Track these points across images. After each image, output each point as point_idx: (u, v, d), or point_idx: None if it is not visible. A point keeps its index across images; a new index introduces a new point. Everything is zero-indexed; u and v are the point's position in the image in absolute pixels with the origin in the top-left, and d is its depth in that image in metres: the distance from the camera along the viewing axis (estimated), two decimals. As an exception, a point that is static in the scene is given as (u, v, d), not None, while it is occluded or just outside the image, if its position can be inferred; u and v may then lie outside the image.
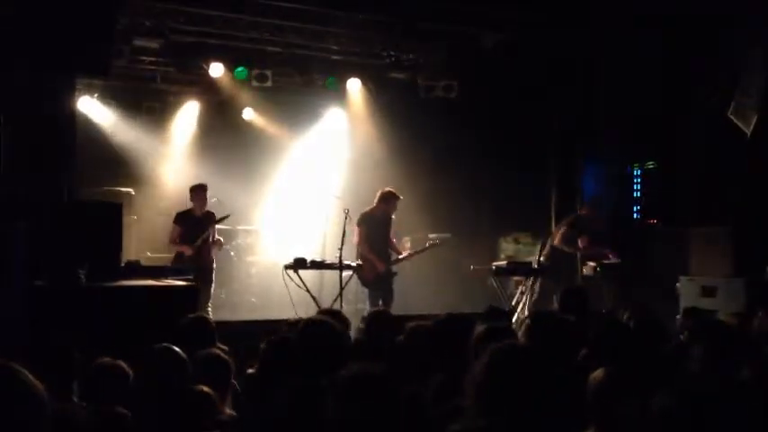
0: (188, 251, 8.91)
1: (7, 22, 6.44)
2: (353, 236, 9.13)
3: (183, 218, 9.18)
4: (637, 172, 10.63)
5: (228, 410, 3.49)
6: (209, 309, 8.84)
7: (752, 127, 8.51)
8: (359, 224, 9.08)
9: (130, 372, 3.44)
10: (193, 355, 3.51)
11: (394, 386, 2.64)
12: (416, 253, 10.01)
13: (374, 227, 9.16)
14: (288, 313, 7.66)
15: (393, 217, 9.41)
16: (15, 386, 1.66)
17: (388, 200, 9.20)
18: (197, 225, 9.05)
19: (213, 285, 9.32)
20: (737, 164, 8.95)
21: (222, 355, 3.75)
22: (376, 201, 9.25)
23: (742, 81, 8.75)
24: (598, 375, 2.82)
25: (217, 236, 9.45)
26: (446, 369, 3.44)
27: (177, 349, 3.00)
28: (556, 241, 9.73)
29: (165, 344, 3.03)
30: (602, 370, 2.85)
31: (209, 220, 9.19)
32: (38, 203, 6.65)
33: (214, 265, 9.33)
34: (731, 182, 8.98)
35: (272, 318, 8.10)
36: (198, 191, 9.21)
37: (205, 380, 3.31)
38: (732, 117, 8.70)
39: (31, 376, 1.69)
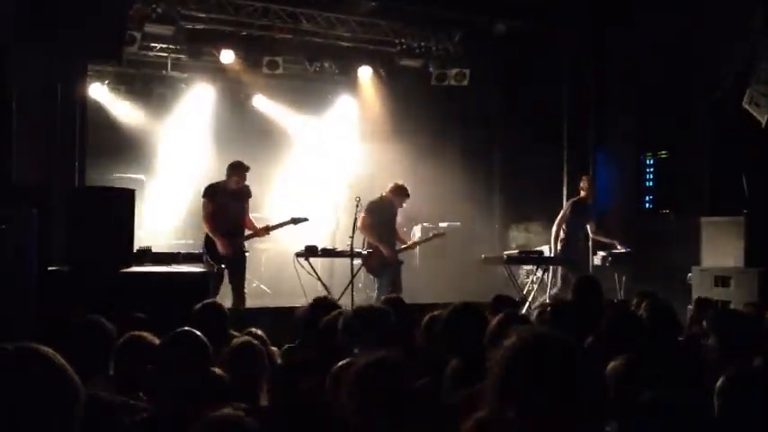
0: (224, 249, 8.19)
1: (21, 8, 6.44)
2: (362, 221, 9.07)
3: (213, 191, 8.38)
4: (649, 161, 10.56)
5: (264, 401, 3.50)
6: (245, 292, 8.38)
7: (767, 116, 8.45)
8: (367, 211, 9.05)
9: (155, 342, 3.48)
10: (224, 344, 3.56)
11: (407, 373, 2.62)
12: (421, 242, 10.09)
13: (382, 216, 9.18)
14: (298, 301, 7.67)
15: (404, 205, 9.44)
16: (49, 371, 1.64)
17: (399, 194, 9.21)
18: (236, 202, 8.38)
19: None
20: (751, 153, 8.89)
21: (257, 343, 3.76)
22: (387, 191, 9.24)
23: (756, 70, 8.68)
24: (618, 366, 2.78)
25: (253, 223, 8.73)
26: (462, 356, 3.44)
27: (198, 333, 2.99)
28: (554, 226, 9.67)
29: (186, 328, 3.03)
30: (621, 360, 2.81)
31: (245, 193, 8.51)
32: (51, 189, 6.67)
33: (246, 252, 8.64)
34: (745, 172, 8.92)
35: (283, 305, 8.13)
36: (241, 169, 8.41)
37: (238, 367, 3.35)
38: (747, 107, 8.63)
39: (63, 360, 1.67)
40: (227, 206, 8.34)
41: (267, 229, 8.74)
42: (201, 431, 2.25)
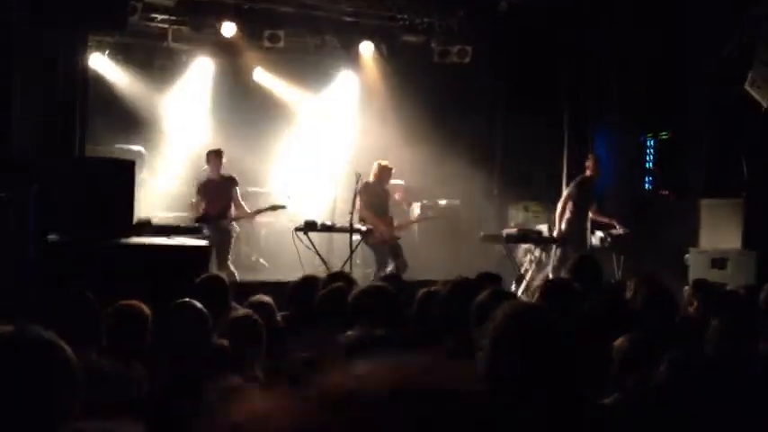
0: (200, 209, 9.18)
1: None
2: (357, 202, 9.26)
3: (204, 188, 9.36)
4: (650, 142, 10.56)
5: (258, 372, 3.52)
6: (232, 267, 9.05)
7: (769, 98, 8.43)
8: (360, 192, 9.27)
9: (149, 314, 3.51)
10: (224, 316, 3.58)
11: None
12: (416, 221, 10.36)
13: (374, 196, 9.51)
14: (296, 275, 7.68)
15: (402, 183, 9.68)
16: (53, 361, 1.62)
17: (383, 174, 9.65)
18: (215, 190, 9.23)
19: (231, 247, 9.44)
20: (751, 136, 8.89)
21: (254, 315, 3.79)
22: (372, 174, 9.56)
23: (759, 52, 8.65)
24: (622, 343, 2.83)
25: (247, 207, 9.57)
26: (457, 333, 3.46)
27: (199, 305, 3.01)
28: (559, 204, 9.68)
29: (186, 299, 3.04)
30: (625, 338, 2.86)
31: (230, 184, 9.33)
32: (51, 160, 6.66)
33: (233, 231, 9.43)
34: (744, 154, 8.92)
35: (281, 279, 8.15)
36: (212, 156, 9.38)
37: (237, 340, 3.37)
38: (748, 89, 8.61)
39: (68, 349, 1.66)
40: (210, 196, 9.24)
41: (251, 215, 9.68)
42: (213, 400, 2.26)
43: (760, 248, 7.92)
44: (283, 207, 9.35)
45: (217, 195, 9.22)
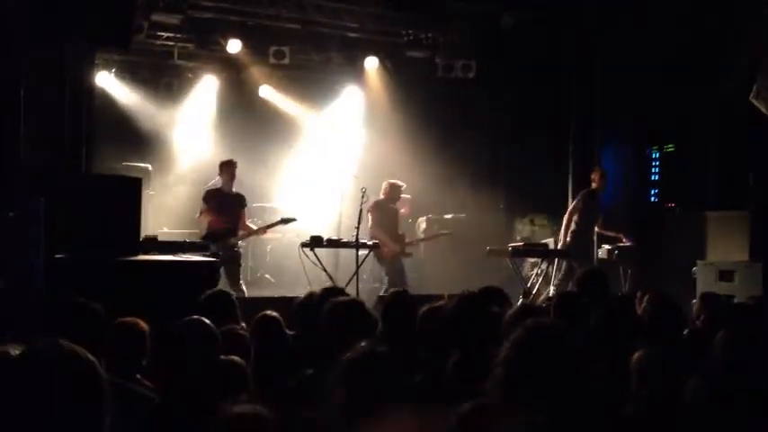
0: (206, 218, 8.83)
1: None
2: (368, 220, 9.35)
3: (212, 196, 8.96)
4: (655, 155, 10.55)
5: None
6: (244, 287, 8.77)
7: (775, 111, 8.42)
8: (371, 210, 9.40)
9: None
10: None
11: (396, 369, 2.63)
12: (424, 239, 10.45)
13: (385, 213, 9.61)
14: (302, 291, 7.69)
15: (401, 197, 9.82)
16: (79, 369, 1.61)
17: (393, 192, 9.77)
18: (226, 203, 8.87)
19: (242, 266, 9.15)
20: (757, 148, 8.88)
21: (240, 331, 3.78)
22: (382, 192, 9.70)
23: (764, 64, 8.65)
24: (640, 356, 2.84)
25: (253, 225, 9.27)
26: (464, 349, 3.45)
27: (208, 321, 3.00)
28: (565, 217, 9.70)
29: (195, 316, 3.03)
30: (642, 351, 2.86)
31: (240, 202, 9.02)
32: (57, 177, 6.69)
33: (241, 249, 9.14)
34: (750, 166, 8.91)
35: (287, 295, 8.15)
36: (226, 167, 8.98)
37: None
38: (753, 101, 8.60)
39: (91, 356, 1.65)
40: (219, 208, 8.82)
41: (261, 230, 9.23)
42: (220, 426, 2.24)
43: (767, 260, 7.89)
44: (294, 220, 9.15)
45: (226, 209, 8.85)
